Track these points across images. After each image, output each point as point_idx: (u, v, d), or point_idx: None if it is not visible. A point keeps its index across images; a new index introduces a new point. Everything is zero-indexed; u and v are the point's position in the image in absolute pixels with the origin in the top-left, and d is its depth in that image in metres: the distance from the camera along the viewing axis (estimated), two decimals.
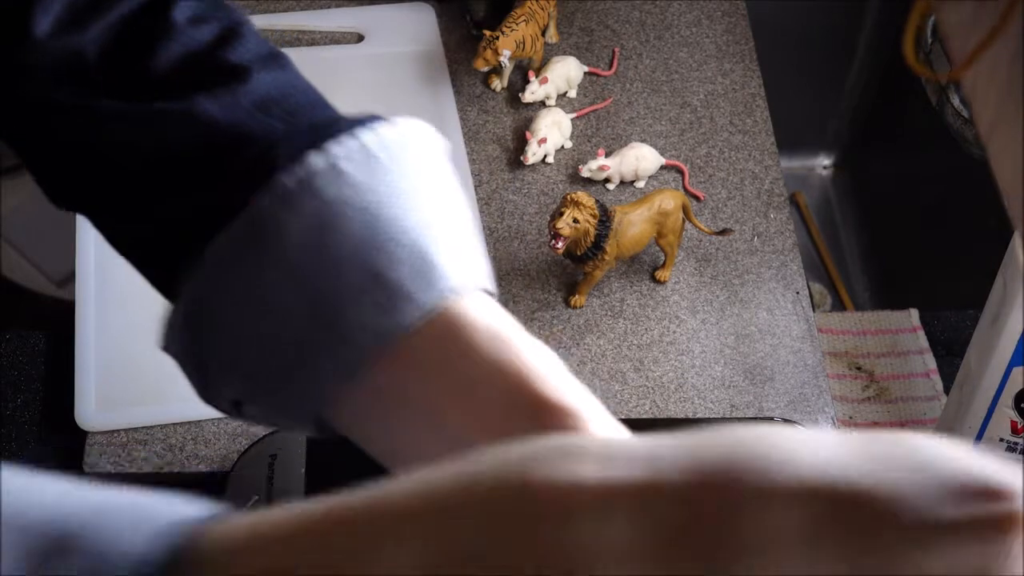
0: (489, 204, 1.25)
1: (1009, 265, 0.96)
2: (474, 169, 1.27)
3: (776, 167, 1.29)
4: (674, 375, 1.14)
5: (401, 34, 1.38)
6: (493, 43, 1.26)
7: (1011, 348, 0.96)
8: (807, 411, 1.13)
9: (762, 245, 1.23)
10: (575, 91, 1.33)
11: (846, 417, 1.15)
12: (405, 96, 1.32)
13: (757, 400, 1.13)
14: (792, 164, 1.72)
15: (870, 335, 1.22)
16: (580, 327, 1.17)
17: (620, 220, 1.13)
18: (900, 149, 1.67)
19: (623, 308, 1.18)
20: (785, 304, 1.19)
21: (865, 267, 1.68)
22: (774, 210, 1.26)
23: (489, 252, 1.20)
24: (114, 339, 1.14)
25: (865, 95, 1.69)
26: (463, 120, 1.30)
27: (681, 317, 1.18)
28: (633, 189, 1.26)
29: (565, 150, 1.29)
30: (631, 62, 1.36)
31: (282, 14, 1.39)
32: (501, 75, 1.33)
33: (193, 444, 1.09)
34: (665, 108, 1.33)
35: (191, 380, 0.62)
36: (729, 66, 1.37)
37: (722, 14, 1.41)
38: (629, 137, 1.30)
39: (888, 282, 1.64)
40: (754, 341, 1.17)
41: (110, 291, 1.16)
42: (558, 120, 1.28)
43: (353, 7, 1.40)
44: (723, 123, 1.32)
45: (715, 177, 1.28)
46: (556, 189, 1.26)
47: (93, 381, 1.11)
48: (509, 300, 1.18)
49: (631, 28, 1.39)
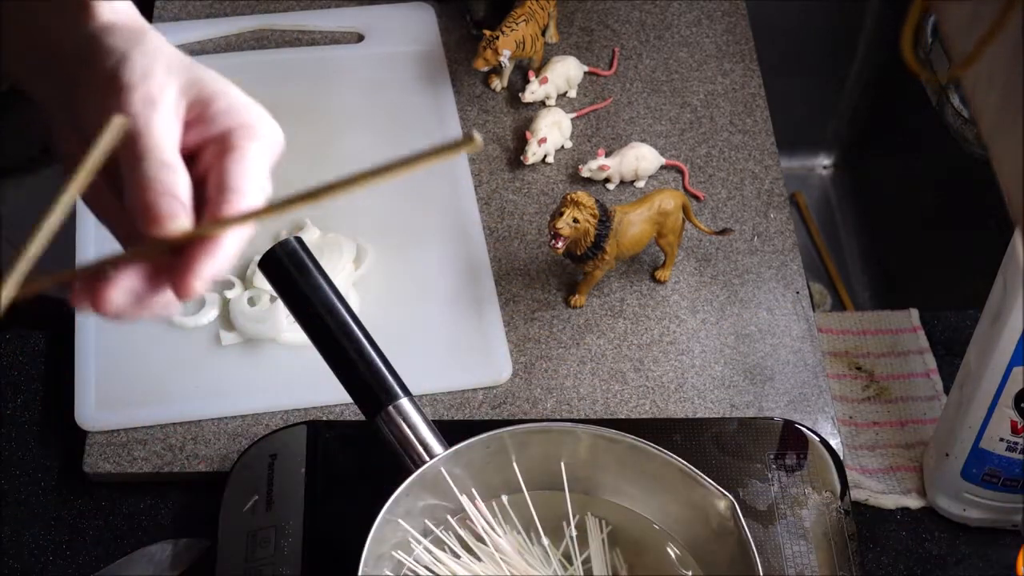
0: (489, 204, 1.25)
1: (1009, 265, 0.96)
2: (474, 169, 1.27)
3: (776, 167, 1.29)
4: (674, 375, 1.14)
5: (401, 34, 1.38)
6: (493, 43, 1.26)
7: (1011, 348, 0.96)
8: (807, 411, 1.12)
9: (762, 245, 1.23)
10: (575, 91, 1.33)
11: (846, 417, 1.15)
12: (405, 96, 1.32)
13: (757, 400, 1.13)
14: (792, 164, 1.72)
15: (870, 335, 1.22)
16: (580, 327, 1.17)
17: (620, 220, 1.13)
18: (900, 149, 1.67)
19: (623, 308, 1.18)
20: (785, 304, 1.19)
21: (865, 267, 1.68)
22: (774, 210, 1.26)
23: (489, 252, 1.20)
24: (114, 339, 1.14)
25: (865, 95, 1.69)
26: (463, 120, 1.30)
27: (681, 317, 1.18)
28: (633, 189, 1.26)
29: (565, 150, 1.29)
30: (631, 62, 1.36)
31: (282, 14, 1.39)
32: (501, 75, 1.33)
33: (193, 444, 1.09)
34: (665, 108, 1.33)
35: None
36: (729, 66, 1.36)
37: (722, 14, 1.41)
38: (629, 137, 1.30)
39: (888, 282, 1.64)
40: (754, 341, 1.17)
41: None
42: (558, 120, 1.28)
43: (353, 7, 1.40)
44: (723, 123, 1.32)
45: (715, 177, 1.28)
46: (556, 189, 1.26)
47: (93, 381, 1.11)
48: (509, 300, 1.18)
49: (631, 28, 1.39)
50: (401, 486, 0.89)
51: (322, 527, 1.00)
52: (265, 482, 1.02)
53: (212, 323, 1.15)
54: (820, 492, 1.04)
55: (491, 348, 1.14)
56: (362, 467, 1.03)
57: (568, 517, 0.95)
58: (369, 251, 1.19)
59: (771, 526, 1.02)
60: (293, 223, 1.21)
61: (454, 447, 0.91)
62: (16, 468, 1.10)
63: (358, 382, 0.92)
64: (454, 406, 1.12)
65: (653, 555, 0.96)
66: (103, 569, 1.03)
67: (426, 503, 0.93)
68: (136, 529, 1.07)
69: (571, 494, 0.96)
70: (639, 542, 0.96)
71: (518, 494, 0.96)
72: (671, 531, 0.96)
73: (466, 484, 0.94)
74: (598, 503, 0.97)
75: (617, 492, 0.97)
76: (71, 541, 1.06)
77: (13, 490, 1.09)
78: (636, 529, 0.97)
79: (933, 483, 1.09)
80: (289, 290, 0.94)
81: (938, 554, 1.08)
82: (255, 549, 0.99)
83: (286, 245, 0.95)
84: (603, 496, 0.97)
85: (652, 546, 0.96)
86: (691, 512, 0.94)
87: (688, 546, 0.95)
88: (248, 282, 1.17)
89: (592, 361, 1.15)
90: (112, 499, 1.08)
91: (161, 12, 1.39)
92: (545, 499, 0.96)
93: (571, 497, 0.96)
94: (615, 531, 0.97)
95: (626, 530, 0.97)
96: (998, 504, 1.06)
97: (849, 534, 1.02)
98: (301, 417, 1.10)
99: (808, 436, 1.07)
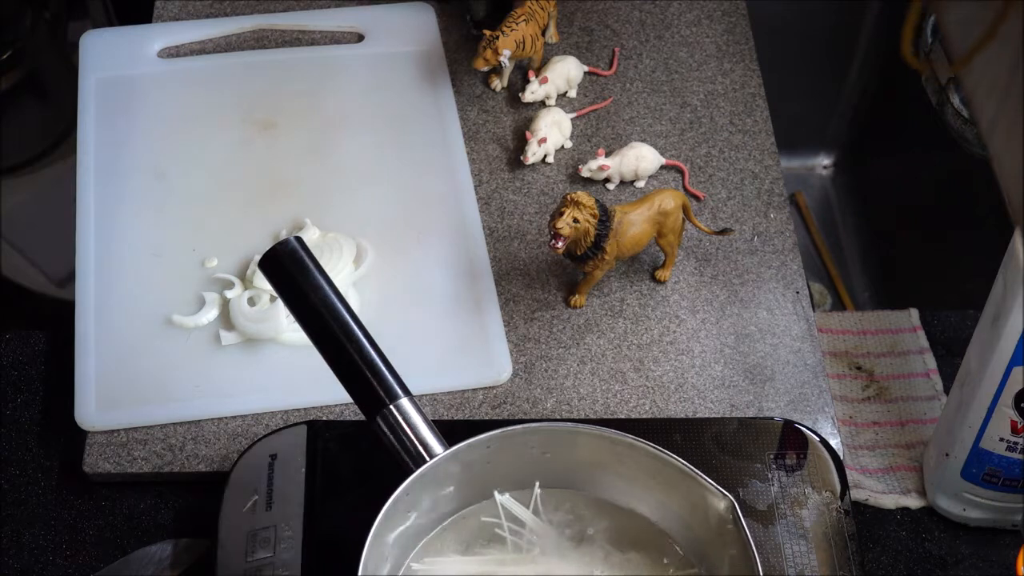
0: (489, 204, 1.25)
1: (1009, 265, 0.96)
2: (474, 169, 1.27)
3: (776, 167, 1.29)
4: (674, 375, 1.14)
5: (401, 34, 1.38)
6: (493, 43, 1.26)
7: (1011, 348, 0.96)
8: (807, 411, 1.13)
9: (762, 245, 1.23)
10: (575, 91, 1.33)
11: (846, 417, 1.15)
12: (405, 96, 1.32)
13: (757, 400, 1.13)
14: (792, 164, 1.72)
15: (870, 335, 1.22)
16: (580, 327, 1.17)
17: (620, 220, 1.13)
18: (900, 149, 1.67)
19: (623, 308, 1.18)
20: (785, 304, 1.19)
21: (865, 267, 1.68)
22: (774, 210, 1.26)
23: (489, 252, 1.20)
24: (114, 339, 1.14)
25: (865, 95, 1.69)
26: (463, 120, 1.30)
27: (681, 317, 1.18)
28: (633, 189, 1.26)
29: (565, 150, 1.29)
30: (631, 62, 1.36)
31: (282, 14, 1.39)
32: (501, 75, 1.33)
33: (193, 444, 1.09)
34: (665, 108, 1.33)
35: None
36: (729, 66, 1.37)
37: (722, 14, 1.41)
38: (629, 137, 1.30)
39: (888, 282, 1.64)
40: (754, 341, 1.17)
41: (110, 291, 1.17)
42: (558, 120, 1.28)
43: (353, 7, 1.40)
44: (723, 123, 1.32)
45: (715, 177, 1.28)
46: (556, 189, 1.26)
47: (93, 381, 1.11)
48: (509, 300, 1.18)
49: (631, 28, 1.39)
50: (401, 486, 0.89)
51: (322, 527, 1.00)
52: (265, 482, 1.02)
53: (212, 323, 1.15)
54: (820, 492, 1.04)
55: (491, 348, 1.14)
56: (362, 467, 1.03)
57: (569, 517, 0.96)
58: (369, 251, 1.19)
59: (771, 526, 1.02)
60: (293, 223, 1.21)
61: (454, 447, 0.91)
62: (16, 468, 1.10)
63: (358, 382, 0.92)
64: (454, 406, 1.12)
65: (653, 555, 0.96)
66: (103, 569, 1.03)
67: (426, 503, 0.93)
68: (136, 529, 1.07)
69: (571, 493, 0.96)
70: (639, 542, 0.96)
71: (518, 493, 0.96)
72: (671, 531, 0.96)
73: (466, 484, 0.94)
74: (598, 503, 0.97)
75: (617, 492, 0.97)
76: (71, 541, 1.06)
77: (13, 490, 1.09)
78: (636, 529, 0.97)
79: (933, 483, 1.09)
80: (289, 290, 0.95)
81: (938, 554, 1.08)
82: (255, 549, 0.99)
83: (286, 245, 0.95)
84: (603, 496, 0.97)
85: (652, 546, 0.96)
86: (691, 512, 0.94)
87: (688, 546, 0.95)
88: (248, 282, 1.17)
89: (592, 361, 1.15)
90: (112, 499, 1.08)
91: (161, 12, 1.39)
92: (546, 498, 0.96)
93: (571, 496, 0.96)
94: (615, 531, 0.97)
95: (626, 530, 0.97)
96: (998, 504, 1.06)
97: (849, 534, 1.02)
98: (301, 417, 1.10)
99: (808, 436, 1.07)
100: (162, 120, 1.29)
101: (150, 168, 1.25)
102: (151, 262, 1.19)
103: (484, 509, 0.97)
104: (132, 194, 1.23)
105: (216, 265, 1.18)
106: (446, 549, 0.95)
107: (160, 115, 1.30)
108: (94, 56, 1.34)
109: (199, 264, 1.19)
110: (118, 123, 1.29)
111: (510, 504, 0.96)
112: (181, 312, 1.15)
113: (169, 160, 1.26)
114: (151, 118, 1.29)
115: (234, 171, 1.26)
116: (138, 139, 1.28)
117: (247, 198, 1.23)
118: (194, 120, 1.30)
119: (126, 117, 1.29)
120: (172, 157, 1.27)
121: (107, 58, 1.34)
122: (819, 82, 1.69)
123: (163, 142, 1.28)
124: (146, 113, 1.30)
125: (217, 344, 1.13)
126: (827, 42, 1.67)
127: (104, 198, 1.23)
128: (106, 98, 1.30)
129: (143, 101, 1.31)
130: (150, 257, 1.19)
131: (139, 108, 1.30)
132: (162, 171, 1.25)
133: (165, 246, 1.20)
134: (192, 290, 1.17)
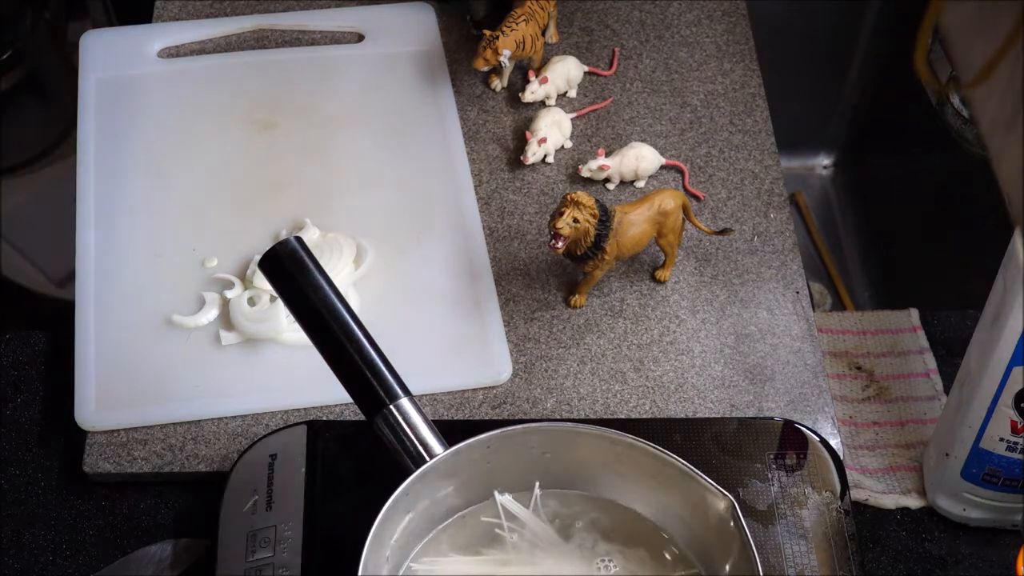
0: (489, 204, 1.25)
1: (1009, 265, 0.96)
2: (474, 169, 1.27)
3: (776, 167, 1.29)
4: (674, 375, 1.14)
5: (401, 34, 1.38)
6: (493, 43, 1.26)
7: (1011, 348, 0.96)
8: (807, 411, 1.13)
9: (762, 245, 1.23)
10: (575, 91, 1.33)
11: (846, 417, 1.16)
12: (405, 96, 1.32)
13: (757, 400, 1.13)
14: (792, 164, 1.72)
15: (870, 335, 1.22)
16: (580, 327, 1.17)
17: (620, 220, 1.13)
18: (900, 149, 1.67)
19: (623, 308, 1.18)
20: (785, 304, 1.19)
21: (865, 267, 1.68)
22: (774, 210, 1.26)
23: (489, 252, 1.20)
24: (114, 339, 1.14)
25: (865, 95, 1.69)
26: (463, 120, 1.30)
27: (681, 317, 1.18)
28: (633, 189, 1.26)
29: (565, 150, 1.29)
30: (631, 62, 1.36)
31: (282, 14, 1.39)
32: (501, 75, 1.33)
33: (193, 444, 1.09)
34: (665, 108, 1.33)
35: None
36: (729, 66, 1.37)
37: (722, 14, 1.41)
38: (629, 137, 1.30)
39: (888, 282, 1.64)
40: (754, 341, 1.17)
41: (110, 291, 1.17)
42: (558, 120, 1.28)
43: (353, 7, 1.40)
44: (723, 123, 1.32)
45: (715, 177, 1.28)
46: (556, 189, 1.26)
47: (93, 381, 1.11)
48: (509, 300, 1.18)
49: (631, 28, 1.39)
50: (401, 486, 0.89)
51: (322, 527, 1.00)
52: (265, 482, 1.02)
53: (212, 323, 1.15)
54: (820, 492, 1.04)
55: (491, 348, 1.14)
56: (362, 467, 1.03)
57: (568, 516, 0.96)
58: (369, 251, 1.19)
59: (771, 526, 1.02)
60: (293, 223, 1.21)
61: (454, 447, 0.91)
62: (16, 468, 1.10)
63: (358, 382, 0.92)
64: (454, 406, 1.12)
65: (653, 555, 0.96)
66: (103, 569, 1.03)
67: (426, 503, 0.93)
68: (136, 529, 1.07)
69: (571, 494, 0.96)
70: (639, 542, 0.96)
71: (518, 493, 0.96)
72: (671, 531, 0.96)
73: (466, 484, 0.94)
74: (598, 503, 0.97)
75: (617, 491, 0.97)
76: (71, 541, 1.06)
77: (13, 490, 1.09)
78: (636, 529, 0.97)
79: (933, 483, 1.09)
80: (289, 290, 0.95)
81: (938, 554, 1.08)
82: (255, 549, 0.99)
83: (286, 245, 0.95)
84: (603, 496, 0.97)
85: (652, 546, 0.96)
86: (691, 512, 0.94)
87: (688, 546, 0.95)
88: (248, 282, 1.17)
89: (592, 361, 1.15)
90: (112, 499, 1.08)
91: (161, 12, 1.39)
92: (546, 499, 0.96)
93: (571, 497, 0.96)
94: (615, 531, 0.97)
95: (626, 530, 0.97)
96: (998, 504, 1.06)
97: (849, 534, 1.02)
98: (301, 417, 1.10)
99: (808, 436, 1.07)
100: (162, 120, 1.29)
101: (150, 168, 1.25)
102: (151, 262, 1.19)
103: (484, 509, 0.97)
104: (132, 194, 1.24)
105: (216, 265, 1.18)
106: (446, 549, 0.95)
107: (160, 115, 1.30)
108: (94, 56, 1.34)
109: (199, 264, 1.19)
110: (118, 123, 1.29)
111: (510, 504, 0.96)
112: (181, 312, 1.15)
113: (169, 160, 1.26)
114: (151, 118, 1.29)
115: (234, 171, 1.26)
116: (138, 139, 1.28)
117: (247, 198, 1.24)
118: (194, 120, 1.30)
119: (126, 117, 1.29)
120: (172, 157, 1.27)
121: (107, 58, 1.34)
122: (819, 82, 1.69)
123: (163, 142, 1.28)
124: (146, 113, 1.30)
125: (217, 344, 1.13)
126: (827, 42, 1.67)
127: (104, 198, 1.23)
128: (106, 98, 1.30)
129: (143, 101, 1.31)
130: (150, 257, 1.19)
131: (139, 108, 1.30)
132: (162, 171, 1.25)
133: (165, 246, 1.20)
134: (192, 290, 1.17)
